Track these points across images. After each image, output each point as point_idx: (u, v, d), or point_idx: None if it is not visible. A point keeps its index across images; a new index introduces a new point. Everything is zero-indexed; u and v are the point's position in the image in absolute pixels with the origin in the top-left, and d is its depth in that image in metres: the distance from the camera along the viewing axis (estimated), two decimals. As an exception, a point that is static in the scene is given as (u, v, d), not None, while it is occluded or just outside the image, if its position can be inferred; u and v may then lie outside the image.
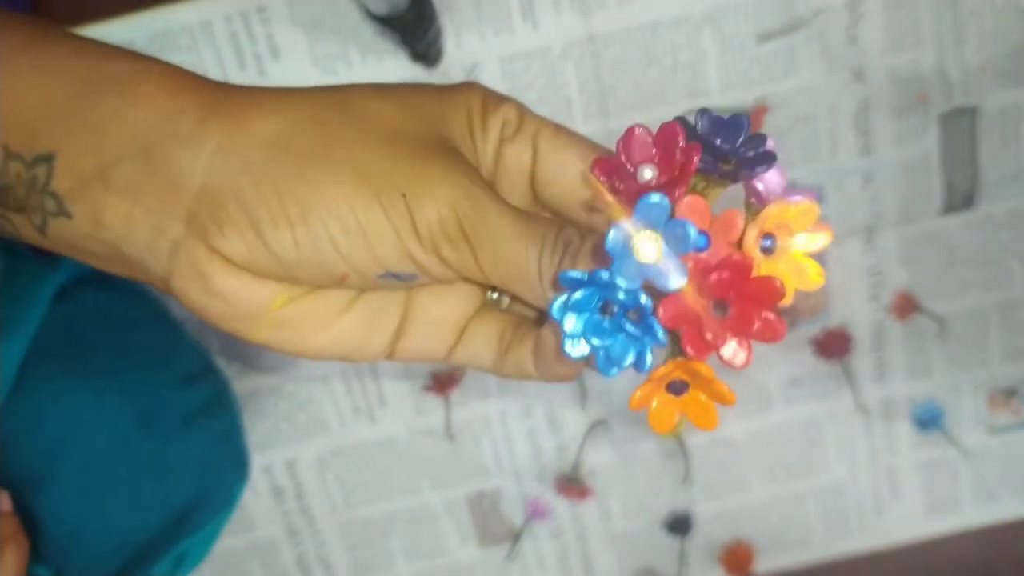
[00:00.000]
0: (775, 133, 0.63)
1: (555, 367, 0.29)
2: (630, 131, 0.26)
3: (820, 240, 0.27)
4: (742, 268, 0.24)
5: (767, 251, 0.26)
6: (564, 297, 0.25)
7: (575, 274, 0.24)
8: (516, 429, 0.70)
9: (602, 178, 0.26)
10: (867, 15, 0.61)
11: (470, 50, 0.61)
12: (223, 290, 0.28)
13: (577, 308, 0.25)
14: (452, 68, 0.61)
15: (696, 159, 0.24)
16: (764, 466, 0.72)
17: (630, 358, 0.25)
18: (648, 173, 0.25)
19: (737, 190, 0.27)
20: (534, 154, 0.30)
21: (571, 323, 0.25)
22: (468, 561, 0.73)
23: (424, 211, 0.27)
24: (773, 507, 0.73)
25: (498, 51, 0.61)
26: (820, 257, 0.27)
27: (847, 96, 0.63)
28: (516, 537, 0.72)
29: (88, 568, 0.54)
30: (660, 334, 0.24)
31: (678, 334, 0.25)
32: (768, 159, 0.26)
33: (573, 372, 0.29)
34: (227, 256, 0.28)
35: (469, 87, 0.30)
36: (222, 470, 0.60)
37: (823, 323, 0.69)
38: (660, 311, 0.24)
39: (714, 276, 0.24)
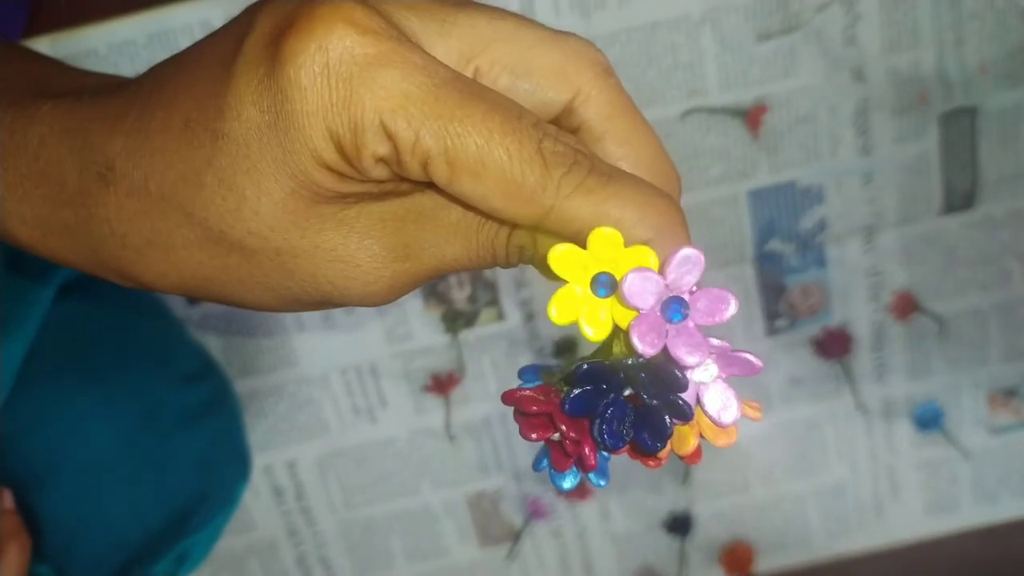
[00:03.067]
0: (775, 133, 0.64)
1: None
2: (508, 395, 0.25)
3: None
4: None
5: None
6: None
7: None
8: (516, 429, 0.69)
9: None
10: (865, 15, 0.61)
11: (470, 50, 0.61)
12: None
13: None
14: (452, 68, 0.61)
15: (591, 455, 0.25)
16: (764, 466, 0.72)
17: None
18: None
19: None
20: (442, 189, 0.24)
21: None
22: (468, 561, 0.73)
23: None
24: (773, 507, 0.73)
25: (498, 51, 0.61)
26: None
27: (847, 96, 0.63)
28: (516, 537, 0.72)
29: (89, 567, 0.54)
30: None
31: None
32: (677, 412, 0.24)
33: None
34: None
35: (312, 123, 0.23)
36: (223, 469, 0.60)
37: (823, 323, 0.69)
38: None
39: None
